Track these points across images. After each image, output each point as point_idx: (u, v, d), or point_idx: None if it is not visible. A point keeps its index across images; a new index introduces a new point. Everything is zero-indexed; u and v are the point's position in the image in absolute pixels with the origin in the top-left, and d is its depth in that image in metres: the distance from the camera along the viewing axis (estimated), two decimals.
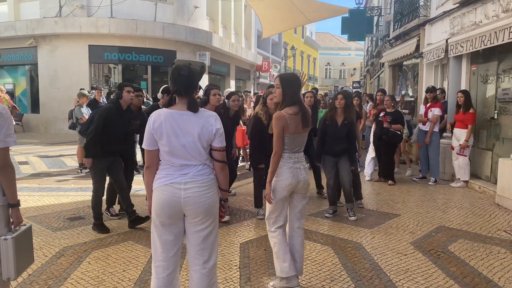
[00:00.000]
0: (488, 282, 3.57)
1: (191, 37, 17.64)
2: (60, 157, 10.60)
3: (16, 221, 2.46)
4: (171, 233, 2.58)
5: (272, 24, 17.67)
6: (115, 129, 4.80)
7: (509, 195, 5.90)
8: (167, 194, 2.51)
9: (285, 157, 3.30)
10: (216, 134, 2.57)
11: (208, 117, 2.57)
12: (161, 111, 2.57)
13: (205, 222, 2.57)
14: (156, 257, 2.62)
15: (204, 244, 2.60)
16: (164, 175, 2.55)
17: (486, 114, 7.59)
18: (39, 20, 16.08)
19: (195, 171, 2.53)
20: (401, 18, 12.91)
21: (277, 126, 3.23)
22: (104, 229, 4.81)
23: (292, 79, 3.40)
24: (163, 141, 2.51)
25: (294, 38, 38.40)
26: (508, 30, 6.02)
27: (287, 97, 3.29)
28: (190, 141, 2.50)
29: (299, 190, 3.38)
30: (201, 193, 2.52)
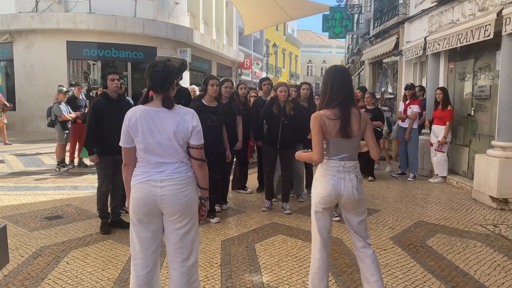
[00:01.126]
0: (465, 275, 3.65)
1: (172, 33, 17.47)
2: (37, 155, 10.38)
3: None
4: (148, 230, 2.55)
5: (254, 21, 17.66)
6: (108, 119, 4.60)
7: (485, 190, 6.04)
8: (144, 192, 2.48)
9: (328, 164, 2.81)
10: (193, 131, 2.52)
11: (184, 114, 2.52)
12: (137, 108, 2.54)
13: (182, 220, 2.53)
14: (134, 255, 2.58)
15: (183, 242, 2.56)
16: (141, 172, 2.52)
17: (463, 111, 7.75)
18: (14, 15, 15.69)
19: (171, 168, 2.50)
20: (381, 16, 13.05)
21: (313, 126, 2.76)
22: (103, 229, 4.68)
23: (332, 71, 2.85)
24: (139, 138, 2.48)
25: (275, 35, 38.46)
26: (484, 28, 6.15)
27: (325, 96, 2.81)
28: (166, 139, 2.47)
29: (344, 206, 2.87)
30: (178, 191, 2.48)
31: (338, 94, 2.76)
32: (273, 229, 4.86)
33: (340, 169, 2.78)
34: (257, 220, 5.21)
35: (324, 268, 2.88)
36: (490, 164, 5.93)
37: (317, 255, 2.89)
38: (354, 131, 2.76)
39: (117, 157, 4.66)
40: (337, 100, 2.75)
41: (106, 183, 4.74)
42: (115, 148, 4.61)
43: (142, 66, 17.88)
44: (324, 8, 17.16)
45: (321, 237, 2.88)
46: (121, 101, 4.85)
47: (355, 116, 2.77)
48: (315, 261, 2.90)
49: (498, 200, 5.80)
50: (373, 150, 2.90)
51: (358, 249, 2.91)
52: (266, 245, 4.33)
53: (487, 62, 7.01)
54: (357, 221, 2.89)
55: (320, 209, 2.85)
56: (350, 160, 2.81)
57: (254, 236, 4.62)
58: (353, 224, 2.90)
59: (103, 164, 4.68)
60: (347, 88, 2.79)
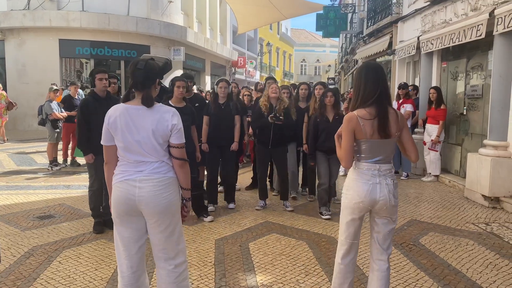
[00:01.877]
0: (457, 273, 3.68)
1: (165, 31, 17.39)
2: (29, 154, 10.29)
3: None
4: (130, 230, 2.51)
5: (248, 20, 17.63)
6: (97, 119, 4.50)
7: (477, 188, 6.09)
8: (122, 191, 2.45)
9: (362, 168, 2.62)
10: (173, 130, 2.48)
11: (164, 113, 2.48)
12: (118, 106, 2.51)
13: (162, 223, 2.48)
14: (119, 255, 2.56)
15: (167, 244, 2.52)
16: (121, 171, 2.49)
17: (455, 110, 7.80)
18: (6, 13, 15.52)
19: (151, 168, 2.45)
20: (374, 16, 13.11)
21: (345, 129, 2.59)
22: (96, 229, 4.66)
23: (366, 68, 2.67)
24: (118, 136, 2.45)
25: (269, 34, 38.48)
26: (476, 28, 6.19)
27: (358, 94, 2.62)
28: (145, 137, 2.43)
29: (378, 212, 2.65)
30: (156, 193, 2.43)
31: (374, 91, 2.56)
32: (267, 228, 4.86)
33: (375, 172, 2.60)
34: (251, 219, 5.21)
35: (345, 273, 2.74)
36: (482, 163, 5.97)
37: (339, 260, 2.76)
38: (392, 131, 2.58)
39: None
40: (373, 97, 2.56)
41: (97, 182, 4.70)
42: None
43: None
44: (318, 7, 17.18)
45: (347, 244, 2.72)
46: (111, 100, 4.80)
47: (392, 115, 2.60)
48: (337, 265, 2.79)
49: (490, 199, 5.85)
50: (413, 153, 2.69)
51: (374, 260, 2.73)
52: (260, 244, 4.33)
53: (480, 61, 7.06)
54: (388, 229, 2.68)
55: (352, 216, 2.67)
56: (385, 163, 2.63)
57: (248, 235, 4.62)
58: (381, 232, 2.69)
59: (94, 163, 4.65)
60: (382, 85, 2.59)
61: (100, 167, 4.63)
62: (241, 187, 6.76)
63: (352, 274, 2.79)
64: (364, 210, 2.64)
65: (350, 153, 2.59)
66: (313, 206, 5.69)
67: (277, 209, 5.67)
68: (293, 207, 5.64)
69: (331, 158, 5.37)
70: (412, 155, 2.70)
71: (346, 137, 2.58)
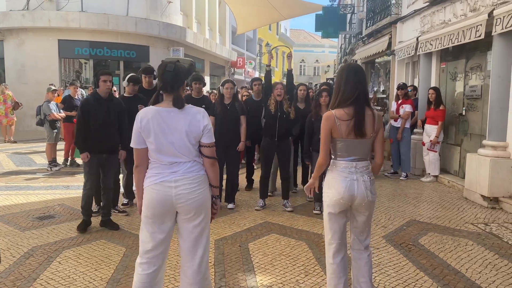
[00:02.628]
0: (457, 273, 3.68)
1: (165, 32, 17.40)
2: (28, 154, 10.29)
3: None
4: (162, 231, 2.58)
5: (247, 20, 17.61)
6: (96, 119, 4.62)
7: (476, 189, 6.10)
8: (159, 193, 2.51)
9: (340, 166, 2.73)
10: (204, 130, 2.54)
11: (196, 114, 2.55)
12: (148, 108, 2.55)
13: (197, 218, 2.57)
14: (144, 254, 2.60)
15: (197, 240, 2.60)
16: (155, 173, 2.54)
17: (454, 110, 7.81)
18: (5, 13, 15.51)
19: (185, 168, 2.53)
20: (373, 16, 13.12)
21: (323, 127, 2.70)
22: (79, 227, 4.68)
23: (347, 69, 2.75)
24: (151, 139, 2.50)
25: (268, 34, 38.47)
26: (475, 28, 6.20)
27: (338, 93, 2.70)
28: (178, 138, 2.50)
29: (358, 208, 2.75)
30: (192, 190, 2.52)
31: (352, 92, 2.65)
32: (267, 228, 4.87)
33: (352, 170, 2.70)
34: (250, 219, 5.22)
35: (339, 273, 2.80)
36: (481, 163, 5.98)
37: (330, 260, 2.82)
38: (367, 132, 2.67)
39: (104, 156, 4.68)
40: (351, 98, 2.64)
41: (90, 182, 4.73)
42: (101, 147, 4.63)
43: (134, 65, 17.79)
44: (317, 8, 17.16)
45: (335, 242, 2.79)
46: (113, 101, 4.82)
47: (369, 117, 2.68)
48: (329, 266, 2.84)
49: (489, 199, 5.86)
50: (379, 155, 2.82)
51: (354, 249, 2.86)
52: (260, 244, 4.33)
53: (478, 62, 7.08)
54: (362, 221, 2.80)
55: (334, 213, 2.75)
56: (361, 161, 2.72)
57: (248, 235, 4.63)
58: (359, 223, 2.81)
59: (88, 162, 4.68)
60: (361, 86, 2.68)
61: (95, 166, 4.72)
62: (241, 187, 6.77)
63: (346, 273, 2.85)
64: (344, 206, 2.74)
65: (327, 149, 2.72)
66: (313, 207, 5.69)
67: (277, 209, 5.67)
68: (292, 208, 5.65)
69: None
70: (377, 156, 2.83)
71: (323, 134, 2.71)
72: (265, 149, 5.76)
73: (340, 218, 2.77)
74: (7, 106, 12.15)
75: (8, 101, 12.19)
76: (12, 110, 12.27)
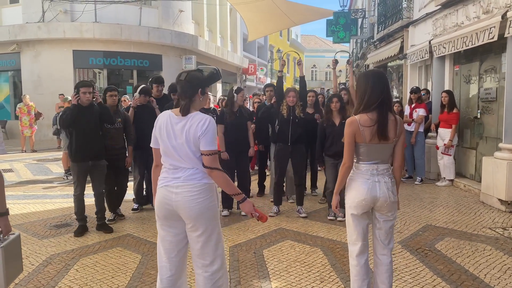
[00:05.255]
0: (475, 279, 3.63)
1: (177, 41, 17.59)
2: (45, 163, 10.46)
3: (4, 229, 2.42)
4: (171, 234, 2.63)
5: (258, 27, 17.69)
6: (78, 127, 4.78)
7: (493, 192, 6.00)
8: (161, 196, 2.59)
9: (361, 168, 2.79)
10: (201, 136, 2.50)
11: (198, 121, 2.53)
12: (164, 112, 2.67)
13: (198, 229, 2.55)
14: (160, 257, 2.67)
15: (204, 249, 2.59)
16: (162, 177, 2.63)
17: (469, 113, 7.72)
18: (21, 26, 15.88)
19: (186, 174, 2.55)
20: (384, 20, 13.07)
21: (347, 133, 2.75)
22: (75, 232, 4.88)
23: (372, 75, 2.80)
24: (159, 140, 2.61)
25: (279, 40, 38.58)
26: (489, 31, 6.14)
27: (363, 99, 2.74)
28: (180, 144, 2.54)
29: (379, 209, 2.81)
30: (191, 198, 2.52)
31: (377, 98, 2.70)
32: (281, 235, 4.86)
33: (374, 172, 2.76)
34: (265, 225, 5.21)
35: (363, 275, 2.83)
36: (498, 167, 5.89)
37: (354, 262, 2.84)
38: (390, 136, 2.73)
39: (90, 163, 4.83)
40: (375, 104, 2.70)
41: (80, 187, 4.90)
42: (86, 154, 4.74)
43: (147, 74, 18.00)
44: (328, 13, 17.16)
45: (360, 243, 2.83)
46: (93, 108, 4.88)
47: (392, 122, 2.74)
48: (352, 268, 2.87)
49: (506, 203, 5.76)
50: (399, 157, 2.85)
51: (377, 255, 2.88)
52: (274, 251, 4.33)
53: (493, 64, 7.00)
54: (388, 226, 2.84)
55: (357, 215, 2.79)
56: (383, 163, 2.79)
57: (262, 241, 4.63)
58: (383, 229, 2.84)
59: (75, 169, 4.85)
60: (385, 92, 2.74)
61: (82, 173, 4.85)
62: (253, 194, 6.78)
63: (369, 275, 2.87)
64: (367, 208, 2.78)
65: (351, 154, 2.77)
66: (327, 212, 5.66)
67: (291, 215, 5.67)
68: (307, 214, 5.64)
69: (339, 163, 5.37)
70: (397, 159, 2.86)
71: (347, 139, 2.75)
72: (279, 154, 5.76)
73: (362, 219, 2.82)
74: (31, 117, 12.47)
75: (31, 112, 12.52)
76: (35, 121, 12.58)
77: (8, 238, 2.42)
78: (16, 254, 2.50)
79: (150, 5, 17.74)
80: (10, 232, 2.47)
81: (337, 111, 5.45)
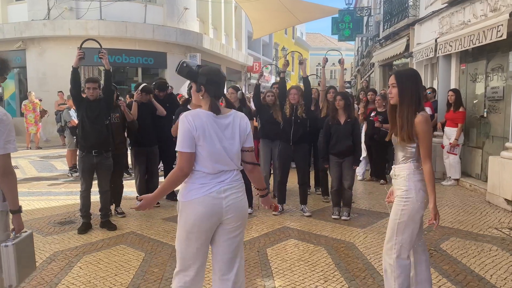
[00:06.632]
0: (481, 280, 3.59)
1: (182, 38, 17.57)
2: (50, 160, 10.49)
3: (17, 227, 2.44)
4: (205, 244, 2.45)
5: (263, 25, 17.68)
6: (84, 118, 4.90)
7: (499, 192, 5.95)
8: (207, 206, 2.35)
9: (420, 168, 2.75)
10: (248, 133, 2.51)
11: (240, 117, 2.50)
12: (199, 112, 2.40)
13: (240, 226, 2.51)
14: (186, 270, 2.44)
15: (236, 250, 2.50)
16: (199, 185, 2.36)
17: (475, 112, 7.65)
18: (27, 23, 15.91)
19: (231, 176, 2.44)
20: (390, 18, 13.00)
21: (430, 132, 2.69)
22: (80, 229, 4.88)
23: (417, 76, 2.79)
24: (204, 142, 2.33)
25: (284, 39, 38.46)
26: (496, 29, 6.08)
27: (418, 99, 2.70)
28: (231, 144, 2.42)
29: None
30: (240, 199, 2.47)
31: (422, 96, 2.78)
32: (285, 234, 4.84)
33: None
34: (268, 224, 5.20)
35: (409, 270, 2.85)
36: (504, 166, 5.84)
37: (405, 256, 2.81)
38: None
39: (95, 160, 4.87)
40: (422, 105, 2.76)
41: (85, 185, 4.92)
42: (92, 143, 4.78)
43: (152, 71, 18.03)
44: (333, 11, 17.12)
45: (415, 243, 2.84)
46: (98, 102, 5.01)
47: None
48: (404, 264, 2.79)
49: None
50: None
51: (418, 252, 2.89)
52: (278, 250, 4.31)
53: (500, 63, 6.93)
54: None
55: (421, 215, 2.76)
56: None
57: (266, 240, 4.61)
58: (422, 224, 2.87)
59: (81, 165, 4.91)
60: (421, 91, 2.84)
61: (88, 170, 4.85)
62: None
63: None
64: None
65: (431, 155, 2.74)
66: (331, 211, 5.64)
67: (295, 214, 5.64)
68: (310, 212, 5.61)
69: (344, 162, 5.37)
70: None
71: (431, 138, 2.70)
72: (281, 154, 5.74)
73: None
74: (36, 114, 12.54)
75: (37, 109, 12.58)
76: (40, 118, 12.64)
77: (20, 236, 2.43)
78: (28, 252, 2.51)
79: (155, 2, 17.74)
80: (23, 230, 2.48)
81: (342, 109, 5.41)
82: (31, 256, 2.55)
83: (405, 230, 2.75)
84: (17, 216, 2.42)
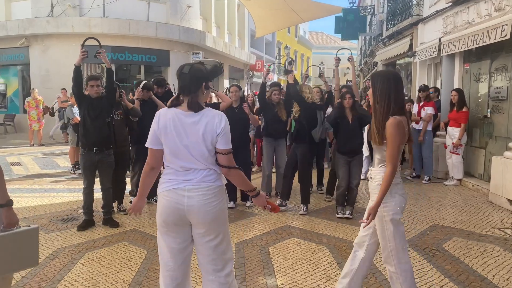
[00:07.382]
0: (483, 280, 3.59)
1: (185, 36, 17.58)
2: (52, 157, 10.52)
3: (6, 221, 2.35)
4: (178, 241, 2.43)
5: (266, 23, 17.67)
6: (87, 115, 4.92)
7: (502, 193, 5.94)
8: (171, 201, 2.37)
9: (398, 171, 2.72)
10: (220, 134, 2.36)
11: (213, 117, 2.38)
12: (168, 110, 2.43)
13: (211, 233, 2.40)
14: (164, 266, 2.48)
15: (215, 254, 2.43)
16: (168, 179, 2.41)
17: (479, 112, 7.63)
18: (30, 20, 15.94)
19: (199, 177, 2.37)
20: (394, 17, 12.96)
21: (400, 136, 2.59)
22: (79, 226, 4.90)
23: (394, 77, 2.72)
24: (166, 140, 2.38)
25: (287, 37, 38.40)
26: (501, 29, 6.06)
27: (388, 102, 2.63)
28: (194, 142, 2.35)
29: None
30: (206, 202, 2.35)
31: (402, 100, 2.71)
32: (287, 232, 4.84)
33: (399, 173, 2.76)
34: (271, 222, 5.20)
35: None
36: (507, 167, 5.82)
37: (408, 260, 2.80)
38: None
39: (96, 157, 4.90)
40: (402, 107, 2.69)
41: (87, 182, 4.96)
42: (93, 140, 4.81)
43: (155, 69, 18.03)
44: (337, 10, 17.10)
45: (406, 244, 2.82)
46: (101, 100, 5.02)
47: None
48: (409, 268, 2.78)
49: None
50: None
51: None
52: (280, 248, 4.31)
53: (504, 63, 6.90)
54: None
55: (400, 218, 2.74)
56: None
57: (268, 238, 4.61)
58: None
59: (82, 162, 4.98)
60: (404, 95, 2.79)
61: (89, 167, 4.88)
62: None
63: None
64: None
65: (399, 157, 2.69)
66: (334, 210, 5.63)
67: (297, 213, 5.64)
68: (309, 211, 5.63)
69: (353, 160, 5.38)
70: None
71: (400, 143, 2.62)
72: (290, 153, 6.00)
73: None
74: (39, 111, 12.57)
75: (40, 106, 12.61)
76: (43, 115, 12.67)
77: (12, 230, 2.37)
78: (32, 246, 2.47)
79: (158, 0, 17.74)
80: (24, 225, 2.45)
81: (350, 107, 5.40)
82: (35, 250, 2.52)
83: (395, 235, 2.72)
84: (6, 209, 2.37)
